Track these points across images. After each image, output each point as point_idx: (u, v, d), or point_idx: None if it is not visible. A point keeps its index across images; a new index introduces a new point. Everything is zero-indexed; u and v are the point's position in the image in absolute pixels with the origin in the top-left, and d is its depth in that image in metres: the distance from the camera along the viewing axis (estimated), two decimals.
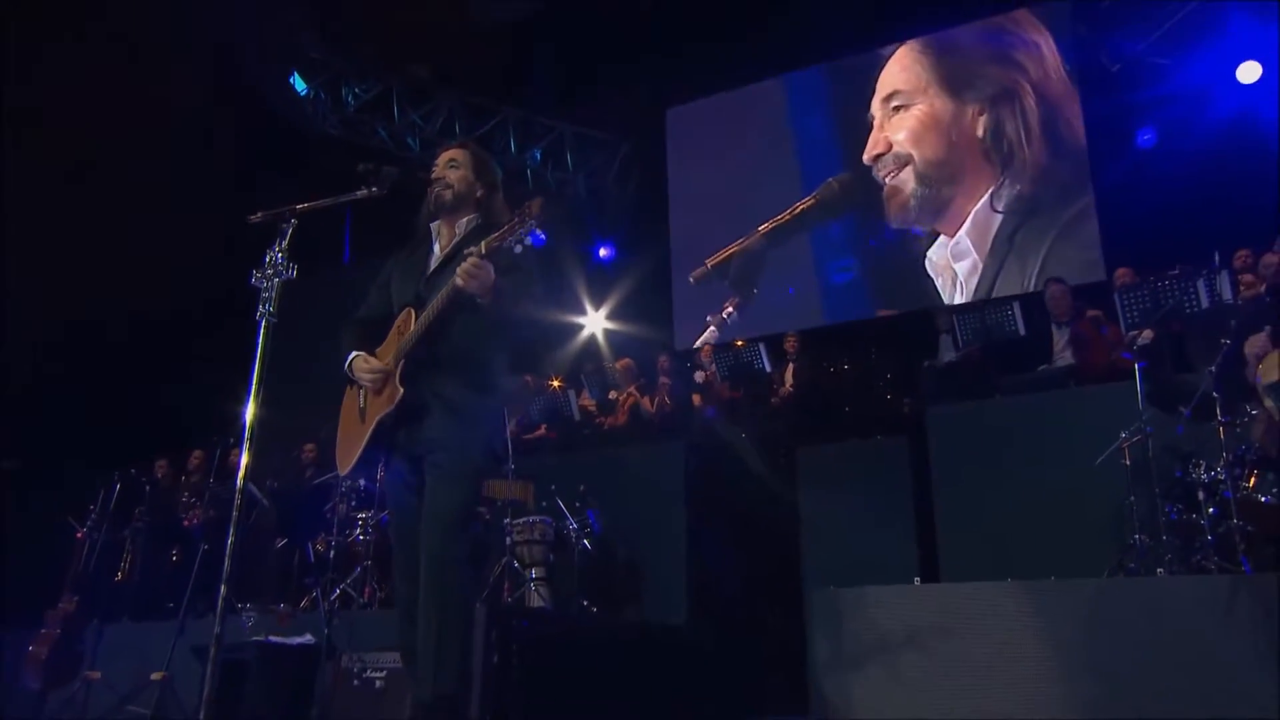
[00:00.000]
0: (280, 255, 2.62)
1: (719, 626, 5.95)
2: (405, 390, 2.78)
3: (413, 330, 2.82)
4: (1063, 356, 6.19)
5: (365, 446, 2.88)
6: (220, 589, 2.41)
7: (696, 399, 7.73)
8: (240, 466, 2.53)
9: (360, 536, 6.14)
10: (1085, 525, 4.91)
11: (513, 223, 2.64)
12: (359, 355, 2.93)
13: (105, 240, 8.81)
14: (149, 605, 6.33)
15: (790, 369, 7.67)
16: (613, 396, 7.99)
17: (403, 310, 2.93)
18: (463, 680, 2.73)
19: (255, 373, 2.55)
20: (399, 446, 2.88)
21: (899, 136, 9.22)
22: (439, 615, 2.70)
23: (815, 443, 6.61)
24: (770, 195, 9.91)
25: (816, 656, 4.05)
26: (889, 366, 7.97)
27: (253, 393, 2.55)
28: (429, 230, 3.08)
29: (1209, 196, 7.24)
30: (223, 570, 2.44)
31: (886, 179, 9.21)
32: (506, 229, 2.64)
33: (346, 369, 2.96)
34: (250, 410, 2.55)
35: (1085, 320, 6.24)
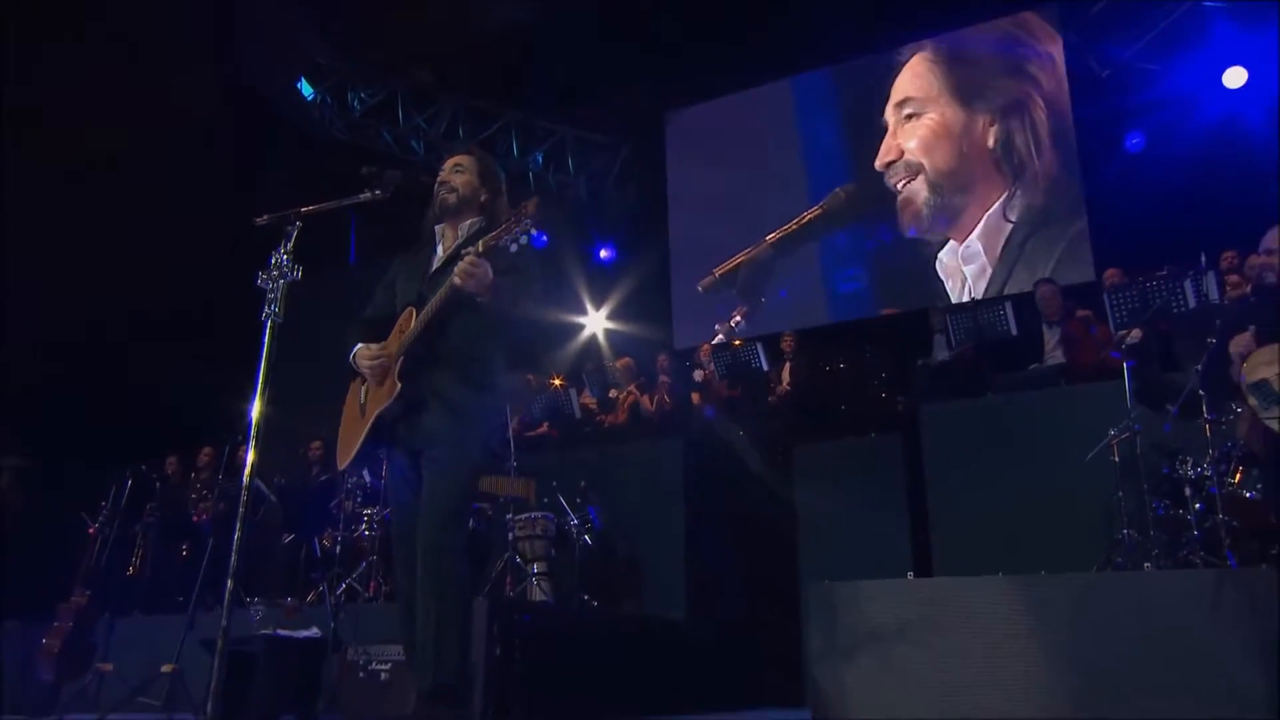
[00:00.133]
0: (286, 257, 2.67)
1: (717, 621, 6.03)
2: (404, 385, 2.83)
3: (413, 327, 2.88)
4: (1053, 355, 6.24)
5: (364, 441, 2.93)
6: (228, 583, 2.45)
7: (695, 397, 7.76)
8: (247, 464, 2.59)
9: (365, 532, 6.21)
10: (1075, 520, 4.98)
11: (509, 222, 2.69)
12: (362, 346, 2.99)
13: (105, 240, 8.85)
14: (159, 599, 6.38)
15: (787, 368, 7.71)
16: (613, 395, 8.02)
17: (405, 309, 2.99)
18: (464, 672, 2.76)
19: (261, 372, 2.61)
20: (398, 441, 2.93)
21: (910, 145, 9.20)
22: (437, 606, 2.73)
23: (812, 440, 6.69)
24: (774, 198, 9.90)
25: (812, 649, 4.13)
26: (884, 365, 7.98)
27: (259, 392, 2.60)
28: (434, 233, 3.14)
29: (1196, 199, 7.30)
30: (230, 565, 2.49)
31: (899, 186, 9.20)
32: (503, 228, 2.70)
33: (350, 360, 3.02)
34: (256, 409, 2.60)
35: (1075, 320, 6.27)
